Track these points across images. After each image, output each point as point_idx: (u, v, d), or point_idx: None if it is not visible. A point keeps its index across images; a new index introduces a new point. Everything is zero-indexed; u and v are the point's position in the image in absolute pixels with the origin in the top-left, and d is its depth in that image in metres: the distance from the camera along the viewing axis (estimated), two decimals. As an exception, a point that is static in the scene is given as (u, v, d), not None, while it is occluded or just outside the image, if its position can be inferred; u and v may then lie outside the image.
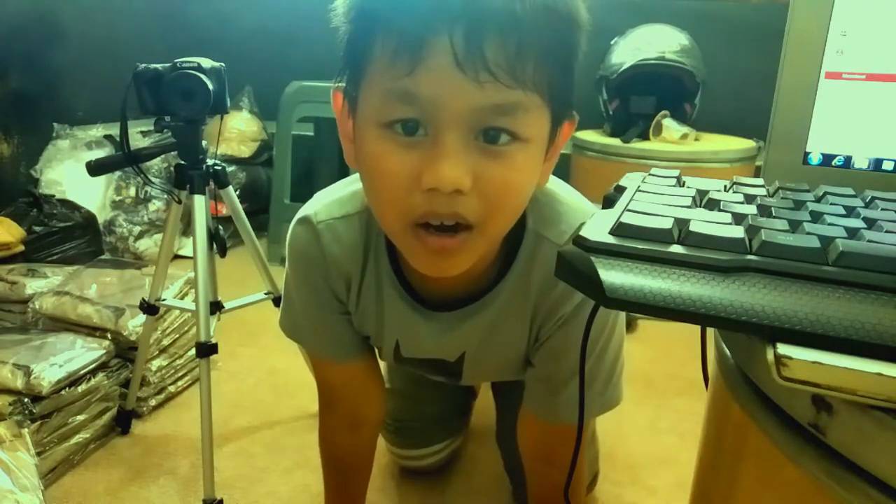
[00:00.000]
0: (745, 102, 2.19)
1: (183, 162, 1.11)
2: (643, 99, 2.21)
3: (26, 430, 1.05)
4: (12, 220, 1.78)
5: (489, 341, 0.74)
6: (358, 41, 0.54)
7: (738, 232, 0.34)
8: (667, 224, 0.35)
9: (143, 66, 1.04)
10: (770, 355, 0.29)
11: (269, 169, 2.41)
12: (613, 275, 0.33)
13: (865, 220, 0.37)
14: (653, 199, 0.40)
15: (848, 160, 0.51)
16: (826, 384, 0.28)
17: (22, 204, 1.91)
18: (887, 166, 0.50)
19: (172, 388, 1.38)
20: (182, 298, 1.39)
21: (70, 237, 1.90)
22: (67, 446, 1.15)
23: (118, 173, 2.14)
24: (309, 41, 1.97)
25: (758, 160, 2.10)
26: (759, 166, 1.97)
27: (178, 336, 1.39)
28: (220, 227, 1.17)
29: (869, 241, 0.33)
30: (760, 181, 0.47)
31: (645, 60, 2.08)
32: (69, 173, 2.07)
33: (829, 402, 0.30)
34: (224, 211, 1.24)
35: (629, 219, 0.36)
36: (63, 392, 1.14)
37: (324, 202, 0.73)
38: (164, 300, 1.23)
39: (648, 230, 0.35)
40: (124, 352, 1.29)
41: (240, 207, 1.20)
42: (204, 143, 1.12)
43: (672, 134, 2.08)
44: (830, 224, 0.36)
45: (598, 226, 0.36)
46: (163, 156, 1.75)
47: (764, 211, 0.39)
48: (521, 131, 0.53)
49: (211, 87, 1.04)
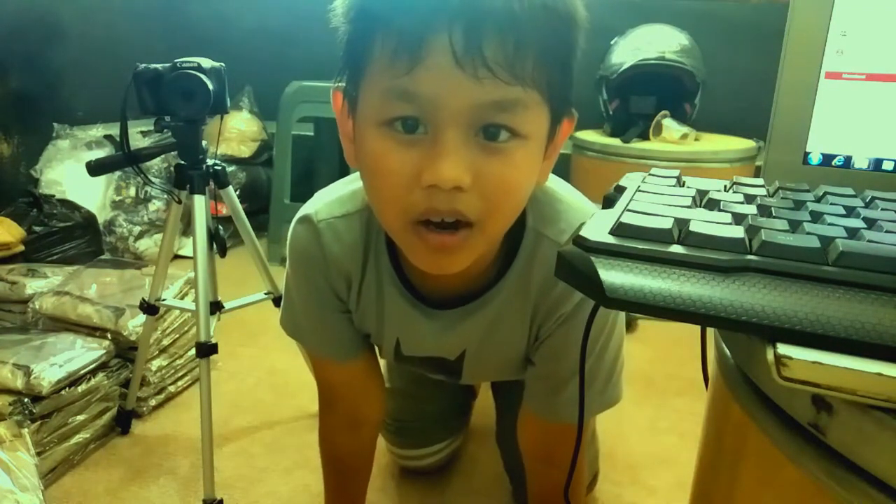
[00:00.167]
0: (745, 102, 2.19)
1: (183, 162, 1.11)
2: (643, 99, 2.21)
3: (26, 430, 1.05)
4: (12, 220, 1.78)
5: (489, 339, 0.74)
6: (357, 41, 0.54)
7: (738, 232, 0.34)
8: (667, 224, 0.35)
9: (143, 66, 1.04)
10: (770, 355, 0.29)
11: (269, 169, 2.41)
12: (613, 275, 0.33)
13: (865, 220, 0.37)
14: (653, 199, 0.40)
15: (848, 160, 0.51)
16: (826, 384, 0.28)
17: (22, 204, 1.91)
18: (887, 166, 0.50)
19: (172, 388, 1.38)
20: (182, 298, 1.39)
21: (70, 237, 1.90)
22: (67, 446, 1.15)
23: (118, 173, 2.14)
24: (309, 41, 1.97)
25: (758, 160, 2.10)
26: (759, 166, 1.97)
27: (178, 336, 1.39)
28: (220, 227, 1.17)
29: (869, 241, 0.33)
30: (760, 181, 0.47)
31: (645, 60, 2.08)
32: (69, 173, 2.07)
33: (829, 402, 0.30)
34: (224, 211, 1.24)
35: (629, 219, 0.36)
36: (63, 392, 1.14)
37: (324, 201, 0.73)
38: (164, 300, 1.23)
39: (648, 230, 0.35)
40: (124, 352, 1.29)
41: (240, 207, 1.20)
42: (204, 143, 1.12)
43: (672, 134, 2.08)
44: (830, 224, 0.36)
45: (598, 226, 0.36)
46: (163, 156, 1.75)
47: (764, 211, 0.39)
48: (520, 128, 0.53)
49: (211, 87, 1.04)
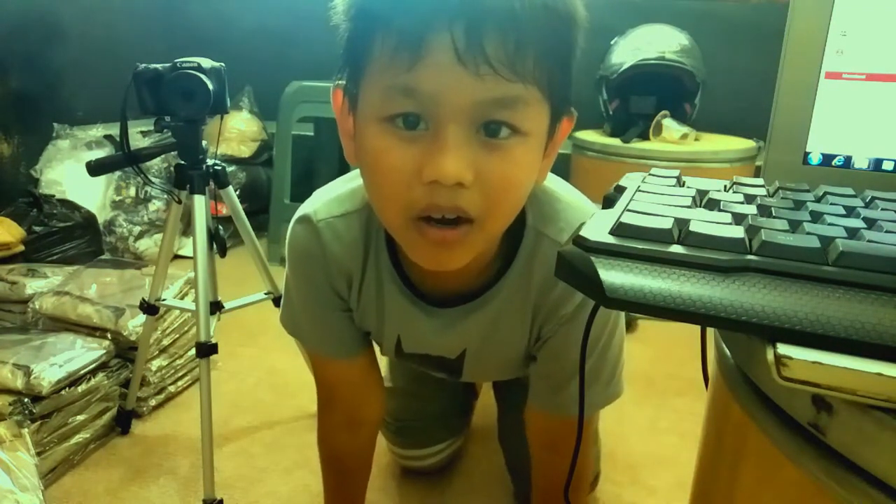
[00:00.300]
0: (745, 102, 2.19)
1: (183, 162, 1.11)
2: (643, 99, 2.21)
3: (26, 430, 1.05)
4: (12, 220, 1.78)
5: (490, 339, 0.74)
6: (358, 39, 0.54)
7: (738, 232, 0.34)
8: (667, 224, 0.35)
9: (143, 66, 1.04)
10: (770, 355, 0.29)
11: (269, 169, 2.41)
12: (613, 275, 0.32)
13: (865, 220, 0.37)
14: (653, 199, 0.40)
15: (848, 160, 0.51)
16: (826, 384, 0.28)
17: (22, 204, 1.91)
18: (887, 166, 0.50)
19: (172, 388, 1.38)
20: (182, 298, 1.39)
21: (70, 237, 1.90)
22: (67, 446, 1.15)
23: (118, 173, 2.14)
24: (309, 41, 1.97)
25: (758, 160, 2.10)
26: (759, 166, 1.96)
27: (178, 336, 1.39)
28: (220, 227, 1.17)
29: (869, 241, 0.33)
30: (760, 181, 0.47)
31: (645, 60, 2.08)
32: (69, 173, 2.07)
33: (829, 402, 0.30)
34: (224, 211, 1.25)
35: (629, 219, 0.35)
36: (63, 392, 1.14)
37: (323, 200, 0.73)
38: (164, 300, 1.23)
39: (648, 230, 0.35)
40: (124, 352, 1.29)
41: (240, 207, 1.20)
42: (204, 143, 1.12)
43: (672, 134, 2.07)
44: (830, 224, 0.36)
45: (598, 226, 0.36)
46: (163, 156, 1.75)
47: (764, 211, 0.39)
48: (521, 125, 0.53)
49: (211, 87, 1.04)
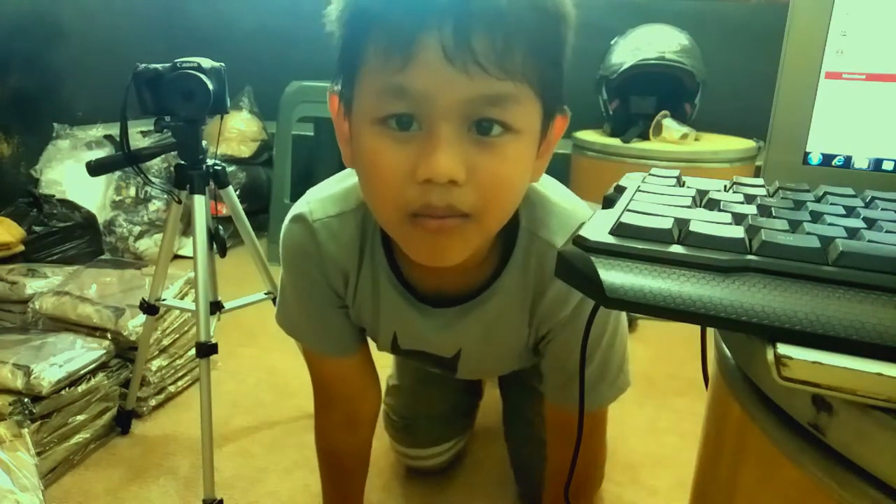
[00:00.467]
0: (745, 102, 2.18)
1: (183, 162, 1.11)
2: (643, 99, 2.21)
3: (26, 430, 1.05)
4: (12, 220, 1.78)
5: (487, 339, 0.75)
6: (351, 43, 0.55)
7: (738, 232, 0.34)
8: (667, 224, 0.35)
9: (143, 66, 1.04)
10: (770, 355, 0.29)
11: (269, 169, 2.41)
12: (613, 275, 0.32)
13: (865, 220, 0.37)
14: (653, 199, 0.40)
15: (848, 160, 0.51)
16: (826, 384, 0.28)
17: (22, 204, 1.91)
18: (887, 166, 0.50)
19: (172, 388, 1.38)
20: (182, 298, 1.39)
21: (70, 237, 1.90)
22: (67, 446, 1.15)
23: (118, 173, 2.14)
24: (309, 41, 1.96)
25: (758, 160, 2.10)
26: (759, 166, 1.97)
27: (178, 336, 1.39)
28: (220, 227, 1.17)
29: (869, 241, 0.33)
30: (760, 181, 0.47)
31: (645, 60, 2.08)
32: (69, 173, 2.07)
33: (829, 402, 0.30)
34: (224, 211, 1.25)
35: (629, 219, 0.35)
36: (63, 392, 1.14)
37: (317, 199, 0.73)
38: (164, 300, 1.23)
39: (648, 230, 0.35)
40: (124, 352, 1.29)
41: (240, 207, 1.20)
42: (204, 143, 1.12)
43: (672, 134, 2.07)
44: (830, 224, 0.36)
45: (597, 226, 0.36)
46: (163, 156, 1.75)
47: (764, 211, 0.39)
48: (512, 122, 0.53)
49: (211, 87, 1.04)
